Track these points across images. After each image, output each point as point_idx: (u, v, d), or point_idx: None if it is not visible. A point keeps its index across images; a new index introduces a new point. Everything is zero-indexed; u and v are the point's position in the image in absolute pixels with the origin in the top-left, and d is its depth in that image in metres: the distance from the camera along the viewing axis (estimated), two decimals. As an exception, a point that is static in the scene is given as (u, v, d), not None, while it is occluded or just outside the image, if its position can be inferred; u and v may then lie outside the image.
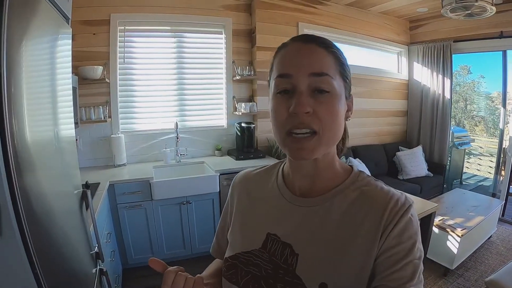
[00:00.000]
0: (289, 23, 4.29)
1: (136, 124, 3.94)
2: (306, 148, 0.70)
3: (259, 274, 0.79)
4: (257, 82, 4.17)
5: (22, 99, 0.99)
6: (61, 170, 1.48)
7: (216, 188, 3.45)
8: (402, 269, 0.66)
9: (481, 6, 3.25)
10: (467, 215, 3.52)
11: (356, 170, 0.83)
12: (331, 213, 0.76)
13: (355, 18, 4.84)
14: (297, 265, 0.75)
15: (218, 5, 4.02)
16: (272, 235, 0.82)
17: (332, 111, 0.70)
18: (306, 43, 0.72)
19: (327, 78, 0.69)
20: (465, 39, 4.83)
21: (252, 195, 0.94)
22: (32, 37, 1.17)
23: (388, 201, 0.72)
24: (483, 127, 7.13)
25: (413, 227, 0.70)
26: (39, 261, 1.07)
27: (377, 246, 0.69)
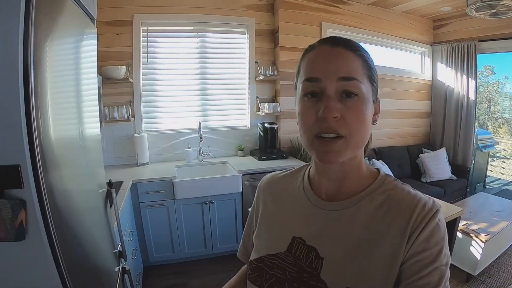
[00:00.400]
0: (312, 23, 4.25)
1: (159, 123, 3.97)
2: (333, 151, 0.70)
3: (284, 277, 0.79)
4: (280, 83, 4.15)
5: (47, 97, 1.00)
6: (85, 168, 1.50)
7: (239, 188, 3.44)
8: (428, 275, 0.65)
9: (507, 5, 3.20)
10: (491, 220, 3.42)
11: (382, 173, 0.83)
12: (357, 217, 0.75)
13: (378, 18, 4.79)
14: (322, 269, 0.75)
15: (241, 5, 4.02)
16: (297, 238, 0.82)
17: (360, 116, 0.70)
18: (334, 47, 0.71)
19: (355, 83, 0.69)
20: (490, 38, 4.73)
21: (278, 198, 0.94)
22: (58, 36, 1.18)
23: (415, 205, 0.70)
24: (507, 129, 6.99)
25: (440, 233, 0.69)
26: (64, 259, 1.09)
27: (403, 251, 0.68)
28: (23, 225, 0.98)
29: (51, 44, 1.09)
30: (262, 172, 3.54)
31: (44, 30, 1.02)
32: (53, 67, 1.09)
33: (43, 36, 1.02)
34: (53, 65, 1.09)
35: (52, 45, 1.11)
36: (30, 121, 0.95)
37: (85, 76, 1.53)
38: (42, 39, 1.01)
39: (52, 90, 1.04)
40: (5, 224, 0.96)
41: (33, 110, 0.95)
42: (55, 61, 1.14)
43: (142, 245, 3.26)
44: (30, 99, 0.94)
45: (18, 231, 0.98)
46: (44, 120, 0.99)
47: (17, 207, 0.97)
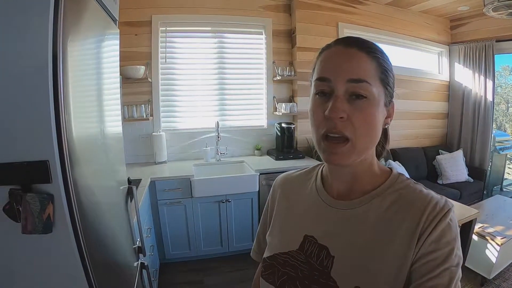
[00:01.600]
0: (329, 23, 4.26)
1: (177, 122, 4.02)
2: (339, 153, 0.71)
3: (295, 275, 0.80)
4: (297, 83, 4.17)
5: (69, 95, 1.03)
6: (106, 165, 1.54)
7: (256, 187, 3.47)
8: (438, 276, 0.64)
9: (525, 5, 3.16)
10: (507, 223, 3.37)
11: (395, 172, 0.82)
12: (369, 216, 0.75)
13: (395, 18, 4.77)
14: (332, 267, 0.75)
15: (258, 5, 4.05)
16: (309, 237, 0.82)
17: (368, 118, 0.70)
18: (348, 47, 0.72)
19: (365, 85, 0.69)
20: (508, 38, 4.67)
21: (291, 197, 0.95)
22: (82, 35, 1.22)
23: (426, 204, 0.70)
24: (526, 131, 6.89)
25: (452, 233, 0.68)
26: (88, 252, 1.12)
27: (413, 251, 0.67)
28: (50, 219, 1.02)
29: (76, 44, 1.13)
30: (279, 171, 3.52)
31: (70, 30, 1.06)
32: (76, 66, 1.13)
33: (70, 35, 1.05)
34: (76, 64, 1.13)
35: (77, 45, 1.14)
36: (58, 119, 0.98)
37: (107, 75, 1.57)
38: (69, 38, 1.05)
39: (74, 88, 1.08)
40: (33, 217, 0.99)
41: (61, 108, 0.98)
42: (79, 60, 1.18)
43: (159, 242, 3.30)
44: (59, 97, 0.97)
45: (45, 224, 1.01)
46: (69, 118, 1.03)
47: (45, 201, 1.01)
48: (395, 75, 0.78)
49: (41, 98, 0.96)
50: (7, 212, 1.01)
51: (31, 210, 0.99)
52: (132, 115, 3.60)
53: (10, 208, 1.00)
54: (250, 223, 3.59)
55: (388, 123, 0.79)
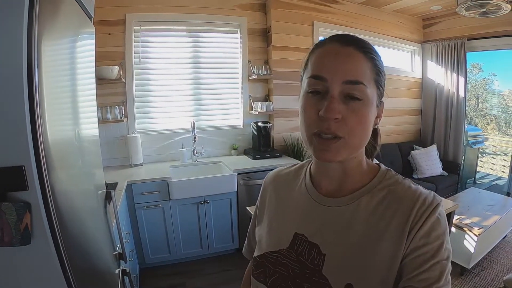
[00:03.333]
0: (304, 22, 4.27)
1: (152, 124, 3.95)
2: (331, 150, 0.70)
3: (287, 274, 0.80)
4: (273, 82, 4.16)
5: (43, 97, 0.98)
6: (82, 169, 1.47)
7: (234, 187, 3.45)
8: (429, 269, 0.65)
9: (496, 4, 3.25)
10: (483, 214, 3.50)
11: (383, 168, 0.82)
12: (358, 213, 0.76)
13: (369, 17, 4.83)
14: (323, 265, 0.75)
15: (233, 4, 4.02)
16: (299, 235, 0.82)
17: (362, 119, 0.70)
18: (345, 46, 0.70)
19: (361, 87, 0.68)
20: (479, 37, 4.80)
21: (281, 194, 0.94)
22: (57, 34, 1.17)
23: (415, 200, 0.70)
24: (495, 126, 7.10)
25: (441, 227, 0.69)
26: (70, 264, 1.07)
27: (404, 247, 0.68)
28: (28, 229, 0.96)
29: (52, 42, 1.08)
30: (256, 171, 3.56)
31: (46, 27, 1.00)
32: (51, 66, 1.08)
33: (45, 33, 0.99)
34: (51, 64, 1.08)
35: (52, 43, 1.09)
36: (34, 121, 0.93)
37: (82, 76, 1.51)
38: (45, 36, 0.99)
39: (49, 90, 1.02)
40: (9, 229, 0.93)
41: (37, 110, 0.93)
42: (54, 60, 1.13)
43: (138, 247, 3.24)
44: (34, 99, 0.92)
45: (23, 235, 0.95)
46: (44, 120, 0.97)
47: (21, 210, 0.94)
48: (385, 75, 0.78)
49: (16, 99, 0.90)
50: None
51: (7, 221, 0.92)
52: (106, 117, 3.51)
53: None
54: (230, 224, 3.56)
55: (378, 122, 0.80)
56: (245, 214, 3.52)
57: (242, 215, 3.51)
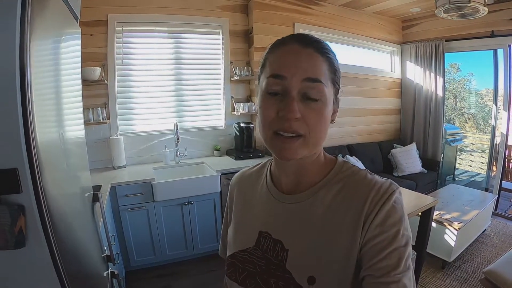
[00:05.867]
0: (286, 24, 4.32)
1: (134, 125, 3.92)
2: (291, 148, 0.71)
3: (254, 271, 0.82)
4: (254, 82, 4.17)
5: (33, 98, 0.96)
6: (69, 172, 1.45)
7: (218, 188, 3.47)
8: (386, 257, 0.66)
9: (474, 7, 3.33)
10: (462, 209, 3.62)
11: (340, 161, 0.84)
12: (316, 207, 0.77)
13: (349, 18, 4.90)
14: (287, 260, 0.77)
15: (215, 5, 4.03)
16: (263, 233, 0.84)
17: (320, 118, 0.71)
18: (305, 47, 0.71)
19: (320, 85, 0.70)
20: (457, 38, 4.92)
21: (246, 194, 0.96)
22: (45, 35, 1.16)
23: (370, 190, 0.72)
24: (473, 124, 7.27)
25: (396, 214, 0.69)
26: (64, 267, 1.06)
27: (360, 237, 0.70)
28: (23, 232, 0.96)
29: (41, 43, 1.07)
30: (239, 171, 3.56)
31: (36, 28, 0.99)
32: (40, 67, 1.07)
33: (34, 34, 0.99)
34: (40, 65, 1.07)
35: (41, 44, 1.08)
36: (27, 123, 0.92)
37: (67, 77, 1.48)
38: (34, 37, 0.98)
39: (38, 91, 1.01)
40: (4, 232, 0.92)
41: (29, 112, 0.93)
42: (43, 61, 1.12)
43: (123, 249, 3.22)
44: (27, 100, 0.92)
45: (17, 238, 0.95)
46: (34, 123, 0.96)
47: (15, 213, 0.94)
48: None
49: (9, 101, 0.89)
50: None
51: (1, 225, 0.92)
52: (89, 119, 3.46)
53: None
54: (214, 224, 3.58)
55: (334, 119, 0.79)
56: (229, 214, 3.53)
57: (226, 215, 3.53)
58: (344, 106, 4.76)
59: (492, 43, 4.61)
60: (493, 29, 4.45)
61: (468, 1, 3.24)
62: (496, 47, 4.77)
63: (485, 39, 4.62)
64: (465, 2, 3.26)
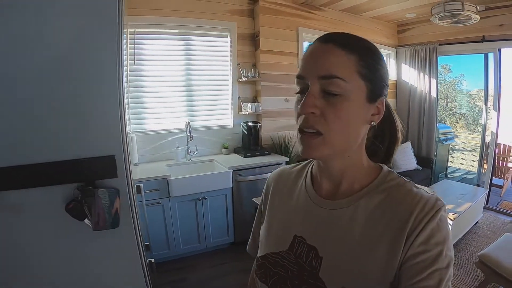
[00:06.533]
0: (290, 28, 4.51)
1: (146, 124, 4.04)
2: (310, 146, 0.70)
3: (286, 275, 0.80)
4: (261, 84, 4.38)
5: None
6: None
7: (230, 183, 3.64)
8: (427, 278, 0.63)
9: (467, 15, 3.58)
10: (456, 202, 3.89)
11: (385, 170, 0.80)
12: (357, 217, 0.74)
13: (349, 23, 5.12)
14: (320, 268, 0.75)
15: (224, 9, 4.19)
16: (298, 237, 0.82)
17: (341, 114, 0.68)
18: (325, 44, 0.69)
19: (336, 81, 0.66)
20: (450, 42, 5.18)
21: (283, 194, 0.94)
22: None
23: (415, 205, 0.68)
24: (464, 124, 7.54)
25: (441, 233, 0.66)
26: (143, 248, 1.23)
27: (401, 253, 0.66)
28: (118, 213, 1.12)
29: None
30: (249, 167, 3.78)
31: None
32: None
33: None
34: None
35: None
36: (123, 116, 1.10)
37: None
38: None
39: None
40: (103, 213, 1.09)
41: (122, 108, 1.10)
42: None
43: (139, 244, 3.33)
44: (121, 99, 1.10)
45: (114, 219, 1.11)
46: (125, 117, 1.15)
47: (113, 196, 1.10)
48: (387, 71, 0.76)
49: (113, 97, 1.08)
50: (70, 211, 1.07)
51: (102, 206, 1.07)
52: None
53: (73, 207, 1.07)
54: (225, 219, 3.75)
55: (375, 120, 0.75)
56: (239, 209, 3.73)
57: (237, 209, 3.74)
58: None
59: (483, 47, 4.88)
60: (484, 34, 4.71)
61: (461, 10, 3.49)
62: (487, 51, 5.04)
63: (476, 44, 4.88)
64: (459, 11, 3.51)
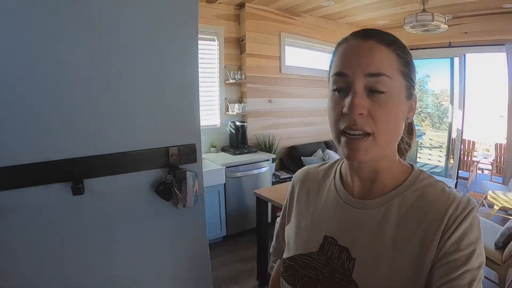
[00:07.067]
0: (272, 33, 4.78)
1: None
2: (360, 149, 0.67)
3: (316, 278, 0.78)
4: (246, 85, 4.63)
5: None
6: None
7: (223, 180, 3.85)
8: (458, 277, 0.61)
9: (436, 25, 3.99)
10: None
11: (416, 169, 0.78)
12: (390, 216, 0.72)
13: (326, 28, 5.45)
14: (353, 270, 0.73)
15: (212, 14, 4.38)
16: (329, 238, 0.79)
17: (388, 113, 0.67)
18: (365, 40, 0.67)
19: (383, 79, 0.65)
20: (419, 47, 5.63)
21: (311, 194, 0.91)
22: None
23: (449, 205, 0.67)
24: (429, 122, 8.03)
25: (474, 233, 0.64)
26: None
27: (434, 253, 0.65)
28: (197, 193, 1.33)
29: None
30: (241, 164, 4.03)
31: None
32: None
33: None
34: None
35: None
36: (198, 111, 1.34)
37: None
38: None
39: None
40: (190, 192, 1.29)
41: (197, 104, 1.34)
42: None
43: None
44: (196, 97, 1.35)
45: (195, 198, 1.31)
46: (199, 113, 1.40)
47: (195, 178, 1.31)
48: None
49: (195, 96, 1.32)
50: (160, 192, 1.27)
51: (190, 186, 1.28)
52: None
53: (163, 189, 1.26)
54: (218, 214, 3.93)
55: (410, 117, 0.75)
56: (231, 204, 3.98)
57: (230, 205, 3.96)
58: (320, 107, 5.40)
59: (449, 52, 5.39)
60: (451, 41, 5.19)
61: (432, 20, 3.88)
62: (453, 56, 5.54)
63: (443, 49, 5.37)
64: (429, 21, 3.90)
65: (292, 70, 5.10)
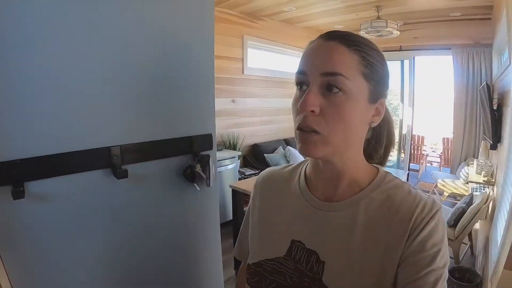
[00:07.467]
0: (236, 36, 4.96)
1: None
2: (309, 143, 0.67)
3: (285, 283, 0.77)
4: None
5: None
6: None
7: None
8: (424, 277, 0.62)
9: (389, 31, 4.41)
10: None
11: (382, 171, 0.77)
12: (357, 219, 0.71)
13: (286, 32, 5.72)
14: (323, 273, 0.72)
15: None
16: (296, 242, 0.78)
17: (342, 113, 0.65)
18: (328, 41, 0.67)
19: (339, 78, 0.64)
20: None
21: (274, 197, 0.89)
22: None
23: (415, 206, 0.67)
24: (379, 119, 8.52)
25: (439, 234, 0.66)
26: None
27: (400, 253, 0.66)
28: (215, 174, 1.47)
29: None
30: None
31: None
32: None
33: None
34: None
35: None
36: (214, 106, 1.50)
37: None
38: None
39: None
40: (206, 174, 1.42)
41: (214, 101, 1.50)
42: None
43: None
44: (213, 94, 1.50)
45: (208, 180, 1.44)
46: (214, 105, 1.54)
47: (213, 162, 1.45)
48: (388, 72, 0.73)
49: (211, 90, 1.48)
50: (187, 175, 1.39)
51: (207, 169, 1.41)
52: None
53: (190, 172, 1.39)
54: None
55: (375, 121, 0.74)
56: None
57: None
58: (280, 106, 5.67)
59: (400, 56, 5.83)
60: (401, 45, 5.65)
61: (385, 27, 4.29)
62: (403, 59, 6.00)
63: (395, 52, 5.80)
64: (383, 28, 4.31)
65: (254, 72, 5.28)
